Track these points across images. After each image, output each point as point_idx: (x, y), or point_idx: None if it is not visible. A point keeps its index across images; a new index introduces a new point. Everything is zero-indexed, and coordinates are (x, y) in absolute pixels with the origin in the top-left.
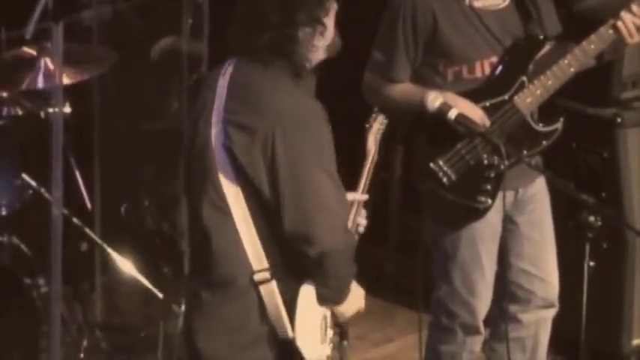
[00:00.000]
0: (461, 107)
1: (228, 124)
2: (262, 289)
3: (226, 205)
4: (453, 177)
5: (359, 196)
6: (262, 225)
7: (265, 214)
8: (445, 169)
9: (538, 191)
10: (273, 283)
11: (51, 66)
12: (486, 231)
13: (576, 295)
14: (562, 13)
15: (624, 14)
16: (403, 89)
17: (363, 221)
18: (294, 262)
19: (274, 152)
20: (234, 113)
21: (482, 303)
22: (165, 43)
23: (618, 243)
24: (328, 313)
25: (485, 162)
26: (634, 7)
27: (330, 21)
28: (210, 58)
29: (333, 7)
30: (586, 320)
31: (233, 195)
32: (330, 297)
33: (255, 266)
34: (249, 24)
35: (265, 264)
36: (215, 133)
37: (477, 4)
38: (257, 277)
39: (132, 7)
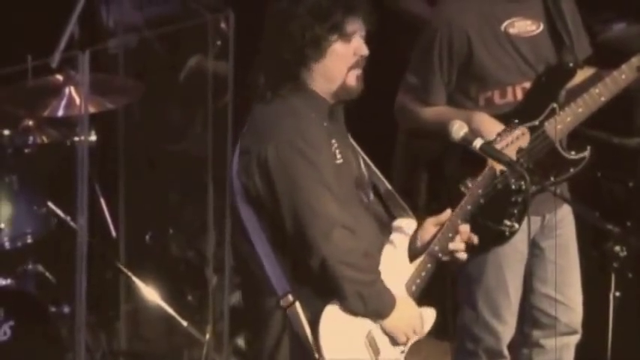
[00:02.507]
0: (489, 129)
1: (239, 152)
2: (288, 312)
3: (247, 230)
4: (482, 200)
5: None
6: (279, 247)
7: (279, 235)
8: None
9: (564, 217)
10: (297, 306)
11: (76, 94)
12: (512, 255)
13: (602, 326)
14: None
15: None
16: (437, 112)
17: (457, 246)
18: (315, 281)
19: (268, 167)
20: (244, 143)
21: (507, 327)
22: (191, 62)
23: None
24: (376, 328)
25: (513, 186)
26: None
27: (335, 50)
28: (236, 81)
29: (338, 39)
30: (612, 350)
31: (249, 220)
32: (357, 308)
33: (279, 290)
34: (260, 65)
35: (287, 287)
36: (234, 162)
37: (511, 31)
38: (282, 302)
39: (157, 36)
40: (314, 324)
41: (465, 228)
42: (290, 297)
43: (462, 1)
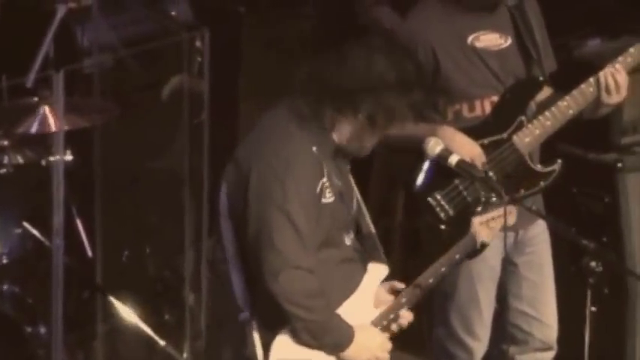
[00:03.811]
0: (459, 143)
1: (231, 164)
2: (247, 330)
3: (223, 240)
4: (451, 212)
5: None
6: (246, 265)
7: (246, 254)
8: (442, 203)
9: (538, 233)
10: (253, 325)
11: (50, 114)
12: (484, 272)
13: (578, 341)
14: (562, 57)
15: (606, 69)
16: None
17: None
18: (271, 306)
19: (248, 187)
20: (238, 154)
21: (480, 343)
22: (175, 81)
23: (619, 288)
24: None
25: (483, 199)
26: (617, 64)
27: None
28: (212, 98)
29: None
30: None
31: (226, 230)
32: (309, 342)
33: (242, 306)
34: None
35: (248, 305)
36: (225, 176)
37: (478, 45)
38: (241, 316)
39: (133, 55)
40: (266, 348)
41: (407, 316)
42: (248, 314)
43: (427, 15)
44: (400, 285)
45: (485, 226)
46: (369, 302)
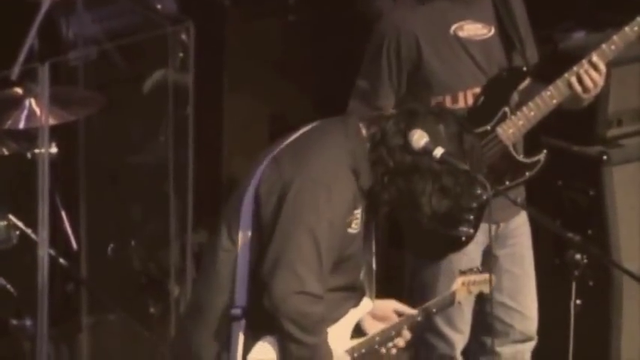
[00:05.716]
0: None
1: (271, 162)
2: (233, 325)
3: (236, 237)
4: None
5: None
6: (256, 266)
7: (261, 256)
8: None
9: (519, 226)
10: (242, 323)
11: (36, 107)
12: (465, 264)
13: (563, 333)
14: (547, 50)
15: (584, 65)
16: None
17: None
18: (267, 313)
19: (284, 199)
20: (282, 155)
21: (461, 335)
22: (157, 75)
23: (604, 281)
24: None
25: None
26: (594, 57)
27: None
28: (197, 92)
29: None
30: (573, 358)
31: (244, 231)
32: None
33: (237, 301)
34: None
35: (244, 302)
36: (260, 168)
37: (461, 34)
38: (233, 311)
39: (117, 48)
40: (247, 350)
41: (408, 335)
42: (239, 311)
43: (410, 7)
44: (408, 310)
45: (466, 288)
46: (347, 332)
